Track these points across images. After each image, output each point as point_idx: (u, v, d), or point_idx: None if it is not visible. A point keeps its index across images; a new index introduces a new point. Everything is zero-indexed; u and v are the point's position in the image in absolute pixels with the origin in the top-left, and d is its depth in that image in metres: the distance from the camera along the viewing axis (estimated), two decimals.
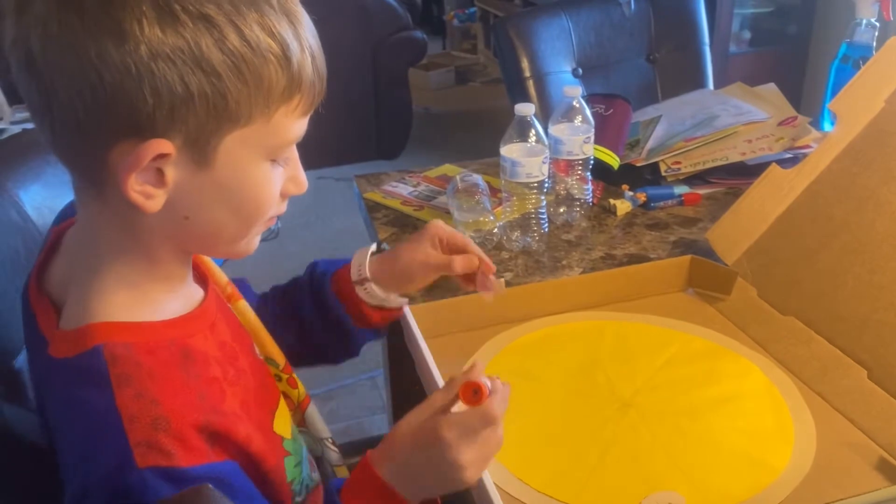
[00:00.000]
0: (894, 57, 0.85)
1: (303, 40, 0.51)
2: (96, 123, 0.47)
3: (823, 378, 0.75)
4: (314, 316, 0.78)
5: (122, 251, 0.54)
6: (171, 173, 0.50)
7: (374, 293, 0.76)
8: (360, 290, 0.76)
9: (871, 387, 0.71)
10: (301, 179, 0.58)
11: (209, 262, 0.69)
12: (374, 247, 0.78)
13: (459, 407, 0.58)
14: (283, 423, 0.64)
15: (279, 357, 0.74)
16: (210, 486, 0.45)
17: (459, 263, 0.74)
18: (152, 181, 0.49)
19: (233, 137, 0.50)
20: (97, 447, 0.49)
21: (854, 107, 0.86)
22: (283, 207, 0.59)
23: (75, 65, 0.45)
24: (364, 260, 0.76)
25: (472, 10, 4.79)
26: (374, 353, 2.05)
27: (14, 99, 2.39)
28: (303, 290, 0.79)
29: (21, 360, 0.69)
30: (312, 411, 0.75)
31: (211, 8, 0.46)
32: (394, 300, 0.77)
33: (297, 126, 0.54)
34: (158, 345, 0.53)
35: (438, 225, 0.76)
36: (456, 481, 0.57)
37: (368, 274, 0.75)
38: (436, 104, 4.11)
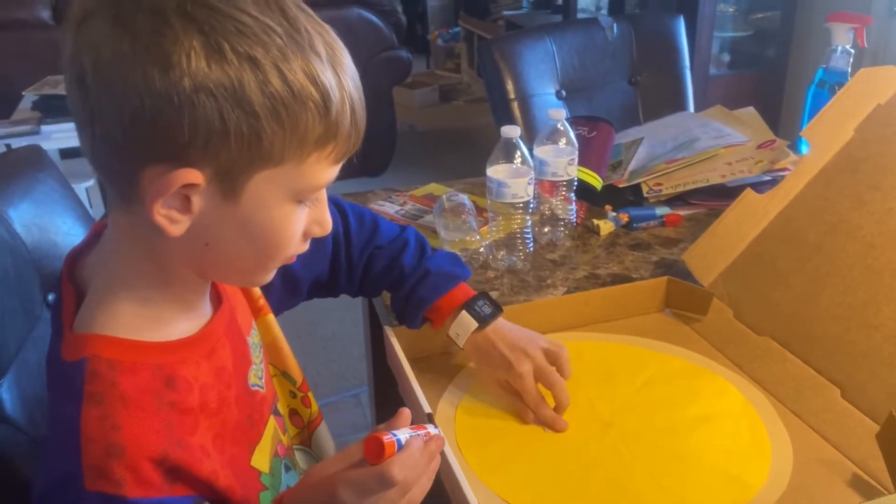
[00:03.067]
0: (864, 87, 0.88)
1: (345, 92, 0.52)
2: (133, 145, 0.48)
3: (798, 397, 0.77)
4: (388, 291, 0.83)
5: (140, 267, 0.55)
6: (197, 202, 0.50)
7: (458, 342, 0.80)
8: (451, 332, 0.80)
9: (844, 405, 0.73)
10: (326, 222, 0.59)
11: None
12: (474, 326, 0.79)
13: (363, 463, 0.54)
14: (262, 458, 0.63)
15: (297, 374, 0.75)
16: (204, 501, 0.45)
17: (526, 411, 0.77)
18: (178, 207, 0.50)
19: (262, 176, 0.51)
20: (55, 457, 0.51)
21: (825, 135, 0.88)
22: (304, 246, 0.59)
23: (121, 87, 0.46)
24: (464, 338, 0.79)
25: (457, 30, 4.85)
26: (358, 371, 2.05)
27: None
28: (400, 283, 0.82)
29: (9, 381, 0.69)
30: (322, 432, 0.75)
31: (259, 51, 0.47)
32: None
33: (328, 172, 0.55)
34: (144, 367, 0.54)
35: (538, 365, 0.76)
36: None
37: (461, 346, 0.79)
38: (420, 122, 4.14)
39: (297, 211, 0.55)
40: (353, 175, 3.51)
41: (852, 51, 1.30)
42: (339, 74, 0.51)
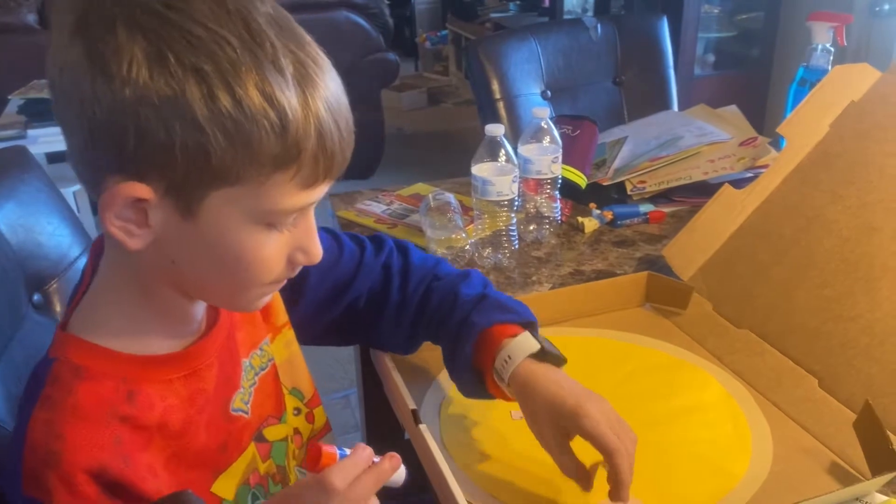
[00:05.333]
0: (838, 84, 0.89)
1: (311, 111, 0.48)
2: (92, 154, 0.48)
3: (777, 388, 0.78)
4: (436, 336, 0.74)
5: (122, 277, 0.55)
6: (154, 217, 0.49)
7: (504, 372, 0.67)
8: (497, 363, 0.67)
9: (822, 395, 0.74)
10: (313, 251, 0.55)
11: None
12: (535, 348, 0.66)
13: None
14: (226, 485, 0.61)
15: (308, 389, 0.74)
16: (190, 492, 0.46)
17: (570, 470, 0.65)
18: (135, 220, 0.49)
19: (220, 194, 0.49)
20: (11, 453, 0.52)
21: (801, 131, 0.90)
22: (292, 273, 0.56)
23: (76, 97, 0.46)
24: (515, 362, 0.66)
25: (444, 32, 4.86)
26: (346, 372, 2.05)
27: None
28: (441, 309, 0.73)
29: None
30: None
31: (207, 63, 0.45)
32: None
33: (298, 197, 0.51)
34: (108, 377, 0.53)
35: (592, 423, 0.62)
36: None
37: (507, 380, 0.66)
38: (408, 125, 4.15)
39: (268, 235, 0.52)
40: (342, 177, 3.51)
41: (832, 49, 1.31)
42: (306, 94, 0.48)
